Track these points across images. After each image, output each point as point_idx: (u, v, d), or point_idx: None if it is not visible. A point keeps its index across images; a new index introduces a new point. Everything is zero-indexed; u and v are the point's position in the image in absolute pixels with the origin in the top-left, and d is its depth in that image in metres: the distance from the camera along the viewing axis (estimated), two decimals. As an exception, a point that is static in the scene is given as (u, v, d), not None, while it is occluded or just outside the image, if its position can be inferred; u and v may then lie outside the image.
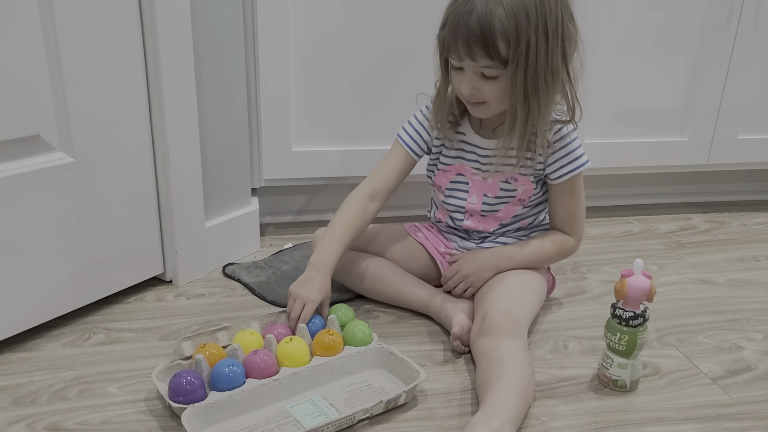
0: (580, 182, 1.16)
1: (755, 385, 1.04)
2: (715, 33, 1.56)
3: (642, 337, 0.98)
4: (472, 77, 1.04)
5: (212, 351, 0.98)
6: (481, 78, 1.03)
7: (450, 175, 1.20)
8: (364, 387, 0.99)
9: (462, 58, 1.02)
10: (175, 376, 0.92)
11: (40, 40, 0.99)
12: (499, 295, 1.10)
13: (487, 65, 1.01)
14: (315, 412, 0.94)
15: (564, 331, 1.17)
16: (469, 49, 1.00)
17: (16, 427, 0.90)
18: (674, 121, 1.64)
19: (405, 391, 0.94)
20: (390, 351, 1.02)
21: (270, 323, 1.09)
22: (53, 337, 1.11)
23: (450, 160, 1.19)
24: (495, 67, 1.01)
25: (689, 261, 1.48)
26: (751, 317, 1.24)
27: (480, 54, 1.00)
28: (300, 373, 0.97)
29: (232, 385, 0.93)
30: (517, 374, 0.92)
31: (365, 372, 1.02)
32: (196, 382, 0.91)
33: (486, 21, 0.97)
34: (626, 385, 1.00)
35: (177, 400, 0.90)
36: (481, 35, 0.98)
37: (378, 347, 1.03)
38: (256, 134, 1.44)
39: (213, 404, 0.90)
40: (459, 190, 1.19)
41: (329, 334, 1.03)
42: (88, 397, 0.96)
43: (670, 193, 1.83)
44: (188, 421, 0.87)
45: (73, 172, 1.08)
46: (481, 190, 1.17)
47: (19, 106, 0.99)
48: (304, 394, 0.97)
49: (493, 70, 1.02)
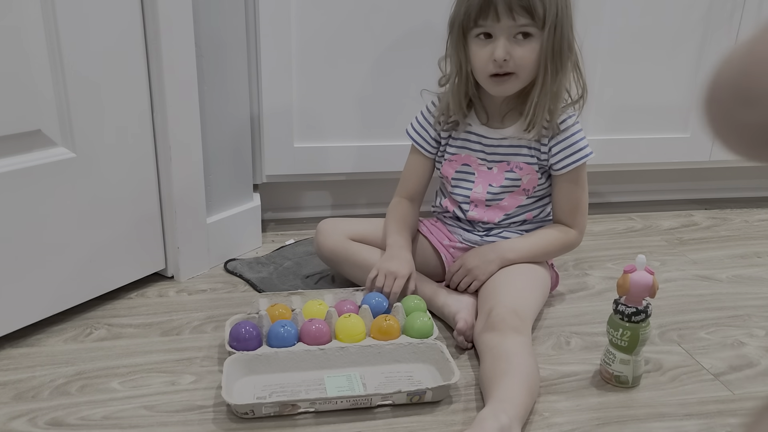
0: (583, 174, 1.17)
1: (757, 381, 1.04)
2: (717, 29, 1.56)
3: (644, 333, 0.98)
4: (505, 42, 1.05)
5: (280, 311, 1.07)
6: (513, 42, 1.06)
7: (456, 165, 1.21)
8: (404, 377, 1.00)
9: (500, 18, 1.03)
10: (237, 324, 1.02)
11: (41, 35, 0.99)
12: (504, 290, 1.10)
13: (526, 23, 1.04)
14: (346, 386, 0.96)
15: (566, 327, 1.17)
16: (509, 6, 1.02)
17: (18, 422, 0.90)
18: (677, 117, 1.64)
19: (429, 388, 0.93)
20: (441, 349, 1.02)
21: (342, 299, 1.13)
22: (55, 333, 1.11)
23: (455, 149, 1.21)
24: (532, 25, 1.04)
25: (691, 257, 1.48)
26: (753, 313, 1.24)
27: (519, 11, 1.03)
28: (347, 349, 1.01)
29: (282, 344, 1.00)
30: (524, 371, 0.93)
31: (412, 364, 1.03)
32: (253, 332, 1.00)
33: None
34: (628, 381, 1.00)
35: (232, 345, 1.00)
36: None
37: (431, 343, 1.03)
38: (258, 130, 1.44)
39: (259, 356, 0.98)
40: (465, 180, 1.20)
41: (386, 320, 1.05)
42: (90, 393, 0.96)
43: (672, 190, 1.83)
44: (229, 365, 0.95)
45: (75, 168, 1.08)
46: (487, 180, 1.18)
47: (21, 101, 0.99)
48: (345, 369, 1.00)
49: (531, 29, 1.05)
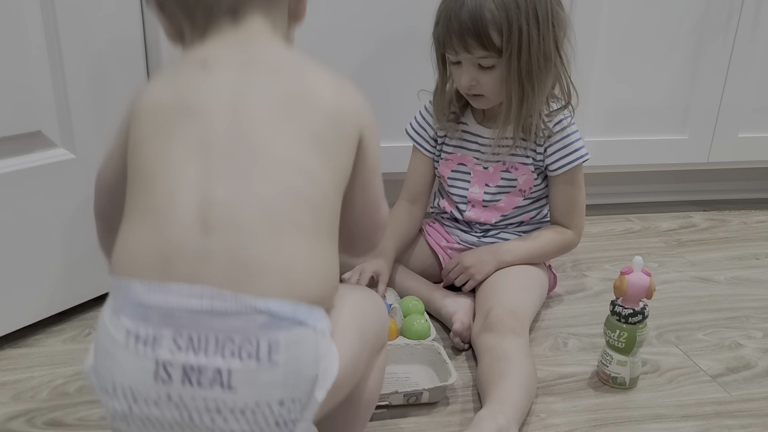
0: (580, 175, 1.17)
1: (755, 383, 1.04)
2: (715, 31, 1.56)
3: (641, 334, 0.98)
4: (470, 69, 1.07)
5: None
6: (478, 69, 1.07)
7: (452, 164, 1.21)
8: (402, 378, 1.00)
9: (458, 51, 1.06)
10: None
11: (41, 36, 0.99)
12: (502, 291, 1.10)
13: (482, 56, 1.05)
14: None
15: (564, 329, 1.17)
16: (464, 42, 1.04)
17: (16, 422, 0.90)
18: (674, 119, 1.64)
19: (426, 389, 0.94)
20: (438, 351, 1.02)
21: None
22: (54, 333, 1.11)
23: (452, 149, 1.21)
24: (490, 57, 1.05)
25: (689, 259, 1.48)
26: (751, 315, 1.24)
27: (474, 46, 1.03)
28: None
29: None
30: (522, 372, 0.93)
31: (409, 365, 1.03)
32: None
33: (477, 13, 1.02)
34: (625, 383, 1.01)
35: None
36: (473, 27, 1.02)
37: (428, 344, 1.03)
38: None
39: None
40: (461, 179, 1.21)
41: None
42: (88, 393, 0.96)
43: (671, 191, 1.83)
44: None
45: (75, 169, 1.08)
46: (483, 179, 1.19)
47: (21, 102, 0.99)
48: None
49: (489, 60, 1.05)
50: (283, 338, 0.57)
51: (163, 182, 0.60)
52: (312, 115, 0.64)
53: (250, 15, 0.69)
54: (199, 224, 0.58)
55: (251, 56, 0.67)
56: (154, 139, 0.62)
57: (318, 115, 0.65)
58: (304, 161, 0.62)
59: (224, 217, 0.58)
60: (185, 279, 0.56)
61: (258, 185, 0.60)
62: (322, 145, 0.64)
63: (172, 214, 0.59)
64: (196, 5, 0.68)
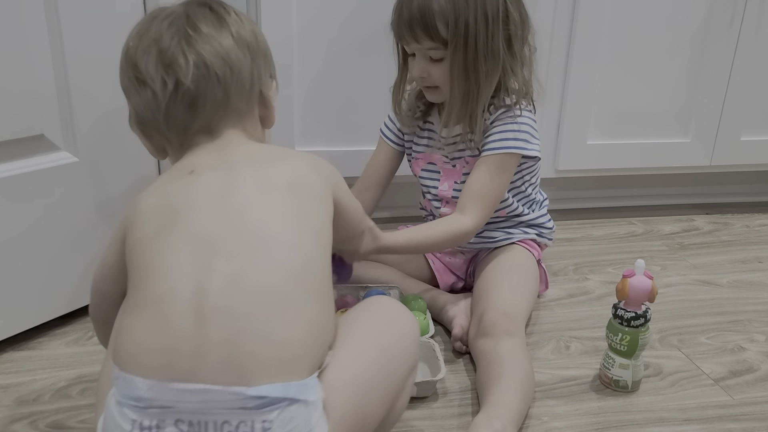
0: (505, 167, 1.12)
1: (757, 386, 1.04)
2: (717, 34, 1.56)
3: (643, 337, 0.98)
4: (421, 61, 1.10)
5: None
6: (429, 61, 1.09)
7: (421, 163, 1.23)
8: None
9: (408, 41, 1.09)
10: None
11: (44, 39, 1.00)
12: (494, 293, 1.10)
13: (430, 47, 1.07)
14: None
15: (566, 332, 1.17)
16: (413, 32, 1.07)
17: (19, 425, 0.91)
18: (677, 122, 1.64)
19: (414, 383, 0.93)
20: (432, 348, 1.02)
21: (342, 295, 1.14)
22: (56, 336, 1.11)
23: (421, 148, 1.23)
24: (438, 48, 1.07)
25: (692, 262, 1.48)
26: (754, 318, 1.24)
27: (422, 36, 1.06)
28: None
29: None
30: (517, 374, 0.93)
31: None
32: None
33: (425, 4, 1.04)
34: (628, 386, 1.00)
35: None
36: (421, 17, 1.05)
37: (424, 341, 1.03)
38: (259, 134, 1.44)
39: None
40: (431, 178, 1.22)
41: None
42: (91, 396, 0.96)
43: (673, 195, 1.83)
44: None
45: (78, 172, 1.08)
46: (452, 177, 1.20)
47: (24, 105, 1.00)
48: None
49: (438, 52, 1.07)
50: (276, 417, 0.61)
51: (161, 277, 0.65)
52: (295, 194, 0.72)
53: (224, 129, 0.78)
54: (195, 315, 0.63)
55: (233, 158, 0.75)
56: (151, 240, 0.68)
57: (300, 193, 0.72)
58: (292, 237, 0.69)
59: (219, 305, 0.63)
60: (184, 376, 0.61)
61: (250, 267, 0.65)
62: (307, 220, 0.71)
63: (170, 306, 0.63)
64: (170, 129, 0.77)
